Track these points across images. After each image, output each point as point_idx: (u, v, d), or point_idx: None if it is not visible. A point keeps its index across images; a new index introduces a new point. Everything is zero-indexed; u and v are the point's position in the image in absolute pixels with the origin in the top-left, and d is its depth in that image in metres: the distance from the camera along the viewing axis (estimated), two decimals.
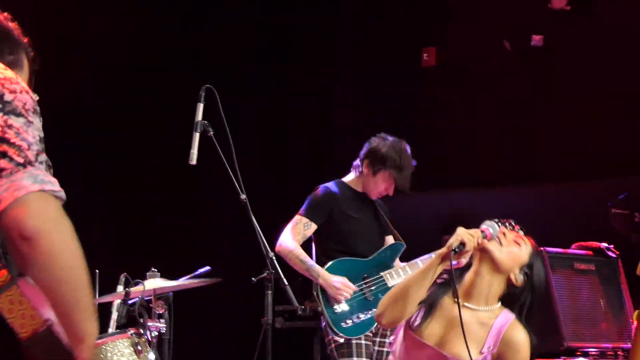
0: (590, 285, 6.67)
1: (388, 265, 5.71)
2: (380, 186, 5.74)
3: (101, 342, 4.35)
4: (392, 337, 5.51)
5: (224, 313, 8.39)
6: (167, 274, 5.04)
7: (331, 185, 5.80)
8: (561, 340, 6.37)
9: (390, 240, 5.86)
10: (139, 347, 4.43)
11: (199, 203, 8.41)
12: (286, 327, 8.22)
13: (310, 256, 5.73)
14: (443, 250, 3.57)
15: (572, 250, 6.79)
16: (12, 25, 2.35)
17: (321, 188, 5.77)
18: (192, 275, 5.20)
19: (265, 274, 4.87)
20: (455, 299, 3.56)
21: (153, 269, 4.90)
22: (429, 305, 3.62)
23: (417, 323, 3.64)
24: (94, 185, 7.68)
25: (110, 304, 4.87)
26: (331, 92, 8.90)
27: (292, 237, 5.63)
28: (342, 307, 5.57)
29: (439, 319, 3.63)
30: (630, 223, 7.00)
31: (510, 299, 3.66)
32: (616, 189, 7.38)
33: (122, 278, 4.82)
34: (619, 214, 7.07)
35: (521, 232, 5.88)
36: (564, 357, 6.34)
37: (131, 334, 4.45)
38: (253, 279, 4.97)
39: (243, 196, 4.67)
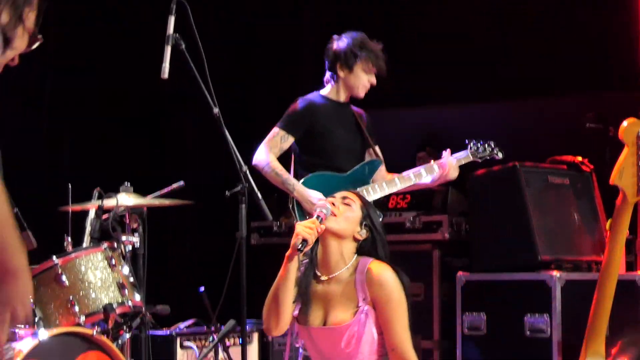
0: (564, 199, 6.69)
1: (364, 182, 5.65)
2: (362, 78, 5.61)
3: (75, 256, 4.34)
4: None
5: (198, 228, 8.38)
6: (140, 189, 5.01)
7: (311, 96, 5.70)
8: (535, 253, 6.41)
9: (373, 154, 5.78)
10: (113, 261, 4.41)
11: (172, 118, 8.36)
12: (261, 243, 8.24)
13: (289, 170, 5.69)
14: (288, 252, 3.82)
15: (547, 164, 6.81)
16: None
17: (300, 100, 5.67)
18: (166, 190, 5.17)
19: (238, 188, 4.85)
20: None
21: (126, 183, 4.86)
22: (303, 296, 3.87)
23: (296, 313, 3.88)
24: (65, 100, 7.60)
25: (83, 218, 4.83)
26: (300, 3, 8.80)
27: (267, 150, 5.56)
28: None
29: (316, 302, 3.85)
30: (605, 137, 7.01)
31: (363, 250, 3.89)
32: (591, 103, 7.38)
33: (95, 192, 4.78)
34: (593, 129, 7.07)
35: (498, 153, 5.89)
36: (537, 271, 6.38)
37: (105, 248, 4.43)
38: (227, 192, 4.95)
39: (216, 110, 4.62)
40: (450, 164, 5.65)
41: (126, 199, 4.74)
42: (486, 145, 5.97)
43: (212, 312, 5.53)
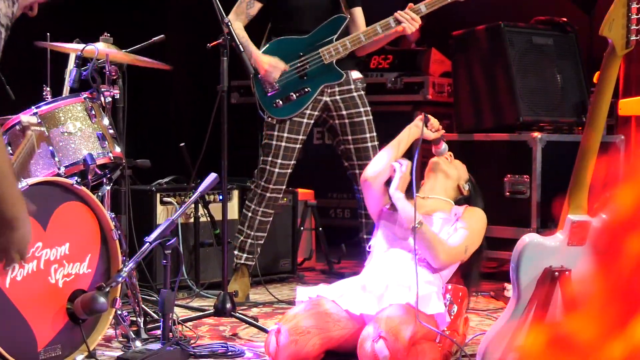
0: (547, 60, 6.64)
1: (329, 41, 5.52)
2: None
3: (54, 106, 4.26)
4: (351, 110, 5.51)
5: (178, 84, 8.30)
6: (120, 43, 4.90)
7: None
8: (517, 114, 6.39)
9: (354, 15, 5.62)
10: (93, 112, 4.34)
11: None
12: (241, 102, 8.20)
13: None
14: (412, 124, 4.50)
15: (531, 25, 6.73)
16: None
17: None
18: (146, 43, 5.08)
19: (220, 40, 4.79)
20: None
21: (106, 34, 4.76)
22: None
23: (388, 206, 4.43)
24: None
25: (62, 69, 4.75)
26: None
27: (234, 18, 5.43)
28: (273, 88, 5.46)
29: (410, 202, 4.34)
30: None
31: (459, 203, 4.51)
32: None
33: (74, 43, 4.68)
34: None
35: None
36: (519, 131, 6.37)
37: (85, 99, 4.34)
38: (208, 45, 4.89)
39: None
40: (405, 18, 5.38)
41: (106, 48, 4.65)
42: None
43: (192, 168, 5.51)
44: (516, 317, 3.39)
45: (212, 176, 4.48)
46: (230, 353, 4.27)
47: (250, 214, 5.59)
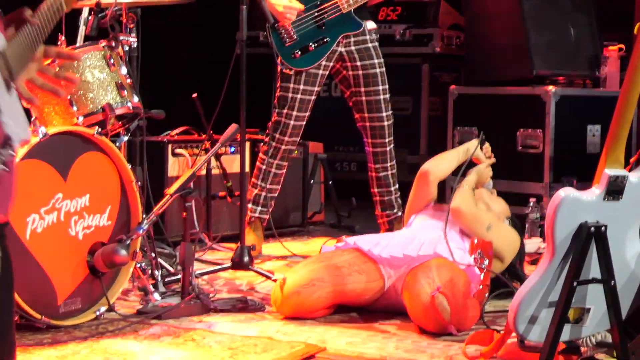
0: (562, 13, 6.56)
1: None
2: None
3: None
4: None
5: (195, 32, 8.18)
6: None
7: None
8: (531, 67, 6.32)
9: None
10: (112, 61, 4.23)
11: None
12: (247, 53, 8.08)
13: None
14: (469, 144, 4.57)
15: None
16: None
17: None
18: None
19: None
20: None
21: None
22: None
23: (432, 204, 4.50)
24: None
25: (77, 16, 4.64)
26: None
27: None
28: (291, 38, 5.36)
29: None
30: None
31: None
32: None
33: None
34: None
35: None
36: (533, 85, 6.31)
37: (103, 47, 4.24)
38: None
39: None
40: None
41: None
42: None
43: (205, 119, 5.43)
44: (550, 272, 3.32)
45: (233, 127, 4.41)
46: (251, 307, 4.21)
47: (264, 167, 5.53)
